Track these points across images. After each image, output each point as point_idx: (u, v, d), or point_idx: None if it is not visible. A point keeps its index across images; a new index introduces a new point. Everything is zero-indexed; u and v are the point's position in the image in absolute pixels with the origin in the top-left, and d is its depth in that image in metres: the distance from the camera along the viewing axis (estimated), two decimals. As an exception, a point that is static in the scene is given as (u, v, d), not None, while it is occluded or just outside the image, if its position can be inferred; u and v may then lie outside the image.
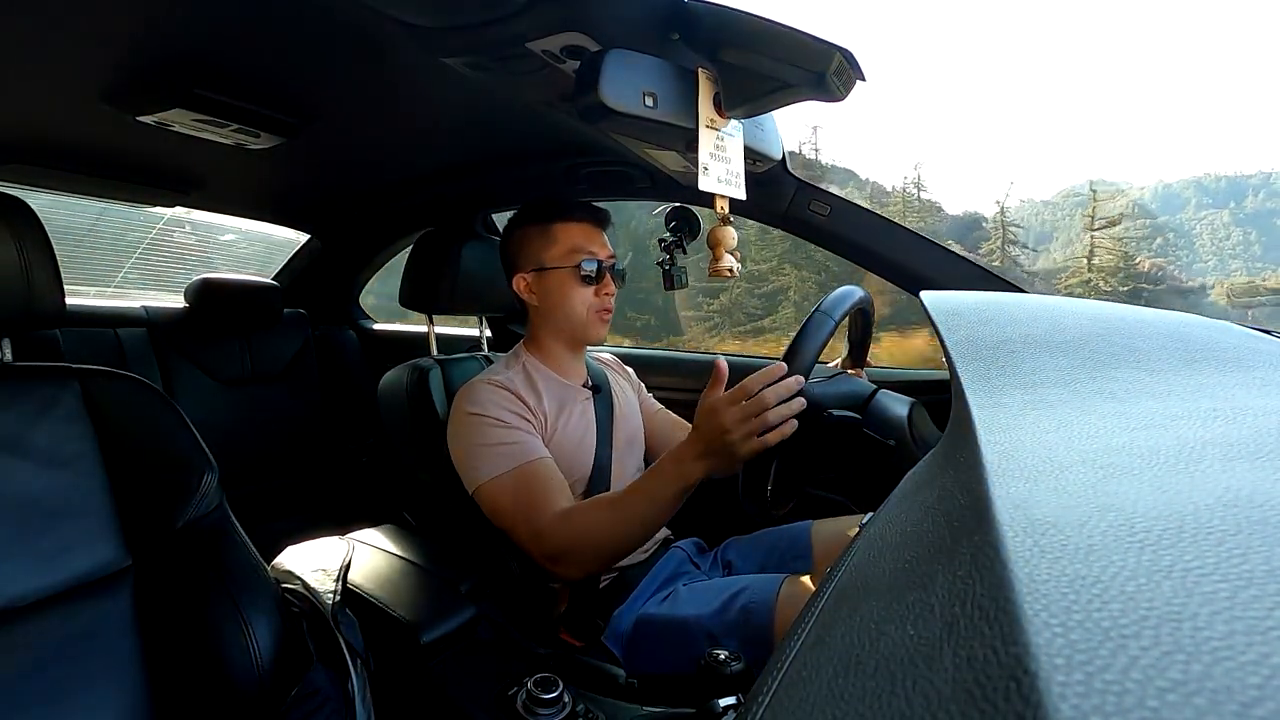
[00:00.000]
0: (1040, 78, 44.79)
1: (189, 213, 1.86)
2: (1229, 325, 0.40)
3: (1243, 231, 70.86)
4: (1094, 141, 34.26)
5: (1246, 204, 74.92)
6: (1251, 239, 69.44)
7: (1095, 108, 38.41)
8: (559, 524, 0.80)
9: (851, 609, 0.21)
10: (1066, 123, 35.68)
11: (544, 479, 0.85)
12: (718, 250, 0.70)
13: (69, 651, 0.59)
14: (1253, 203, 74.59)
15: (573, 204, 1.00)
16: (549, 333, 1.01)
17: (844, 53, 0.55)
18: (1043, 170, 28.54)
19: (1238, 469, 0.19)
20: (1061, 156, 28.40)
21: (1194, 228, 72.43)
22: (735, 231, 0.70)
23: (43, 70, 0.83)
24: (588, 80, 0.57)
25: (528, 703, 0.60)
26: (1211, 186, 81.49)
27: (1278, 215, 71.83)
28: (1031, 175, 29.04)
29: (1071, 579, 0.15)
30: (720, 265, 0.69)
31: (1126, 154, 35.30)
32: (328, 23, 0.73)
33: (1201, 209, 76.41)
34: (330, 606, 0.70)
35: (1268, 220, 70.97)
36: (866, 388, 0.84)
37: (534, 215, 1.00)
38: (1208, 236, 71.15)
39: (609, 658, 0.84)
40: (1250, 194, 76.84)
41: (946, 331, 0.37)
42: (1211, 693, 0.11)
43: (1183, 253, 58.52)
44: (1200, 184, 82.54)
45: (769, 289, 16.83)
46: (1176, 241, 57.41)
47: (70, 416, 0.66)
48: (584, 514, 0.81)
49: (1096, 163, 42.48)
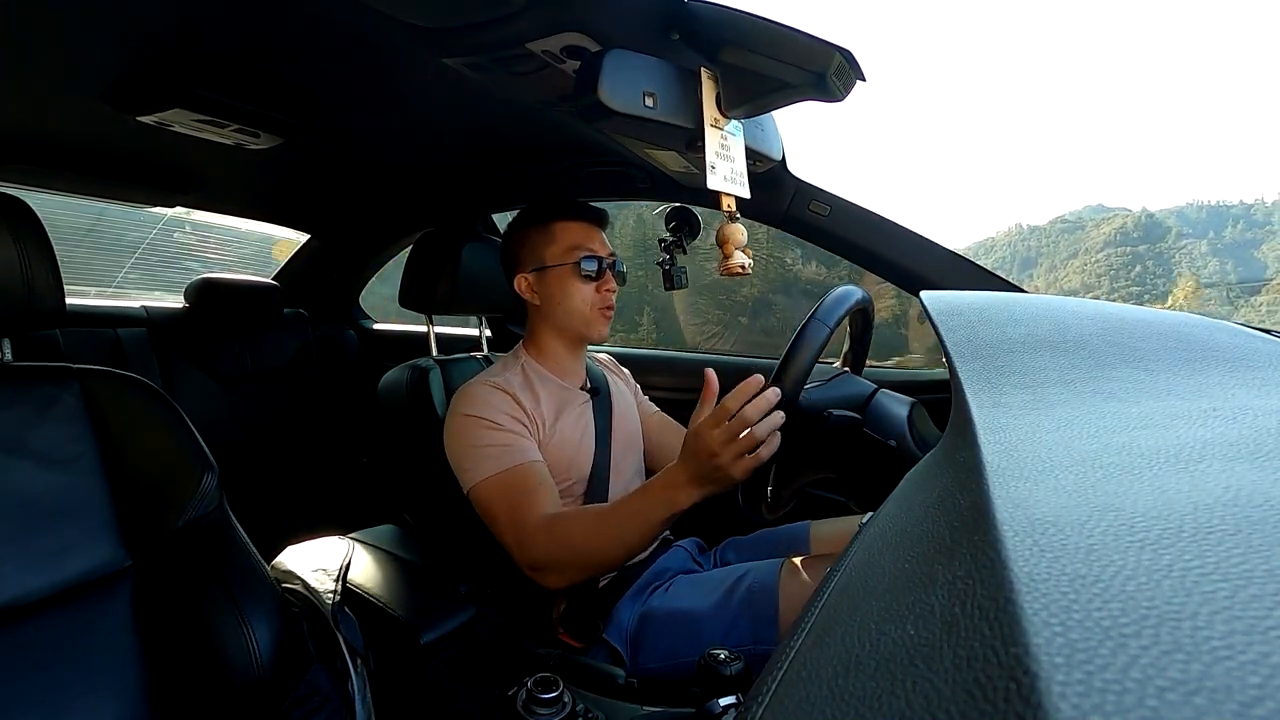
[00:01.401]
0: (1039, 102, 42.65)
1: (189, 213, 1.86)
2: (1229, 325, 0.40)
3: (1219, 261, 71.56)
4: (1092, 166, 33.57)
5: (1226, 234, 75.64)
6: (1228, 269, 70.09)
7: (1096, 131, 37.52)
8: (542, 530, 0.79)
9: (851, 609, 0.21)
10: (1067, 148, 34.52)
11: (533, 483, 0.84)
12: (727, 248, 0.68)
13: (69, 651, 0.59)
14: (1231, 233, 75.25)
15: (571, 203, 1.01)
16: (550, 332, 1.02)
17: (844, 53, 0.55)
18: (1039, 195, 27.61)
19: (1238, 469, 0.19)
20: (1059, 181, 27.58)
21: (1174, 255, 73.10)
22: (743, 228, 0.69)
23: (43, 70, 0.83)
24: (588, 80, 0.57)
25: (527, 703, 0.60)
26: (1193, 216, 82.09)
27: (1254, 246, 72.52)
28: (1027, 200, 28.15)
29: (1071, 579, 0.15)
30: (731, 264, 0.68)
31: (1121, 179, 34.35)
32: (328, 23, 0.73)
33: (1182, 238, 76.97)
34: (330, 606, 0.71)
35: (1244, 251, 71.64)
36: (867, 388, 0.84)
37: (533, 216, 1.01)
38: (1185, 265, 71.83)
39: (609, 658, 0.84)
40: (1230, 224, 77.50)
41: (946, 331, 0.37)
42: (1211, 692, 0.11)
43: (1160, 280, 58.99)
44: (1182, 213, 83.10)
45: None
46: (1155, 269, 57.82)
47: (70, 416, 0.66)
48: (569, 522, 0.79)
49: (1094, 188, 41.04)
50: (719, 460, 0.67)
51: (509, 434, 0.88)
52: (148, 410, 0.69)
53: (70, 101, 0.93)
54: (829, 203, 1.07)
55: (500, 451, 0.86)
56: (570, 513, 0.81)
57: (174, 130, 0.99)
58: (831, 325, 0.72)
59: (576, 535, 0.78)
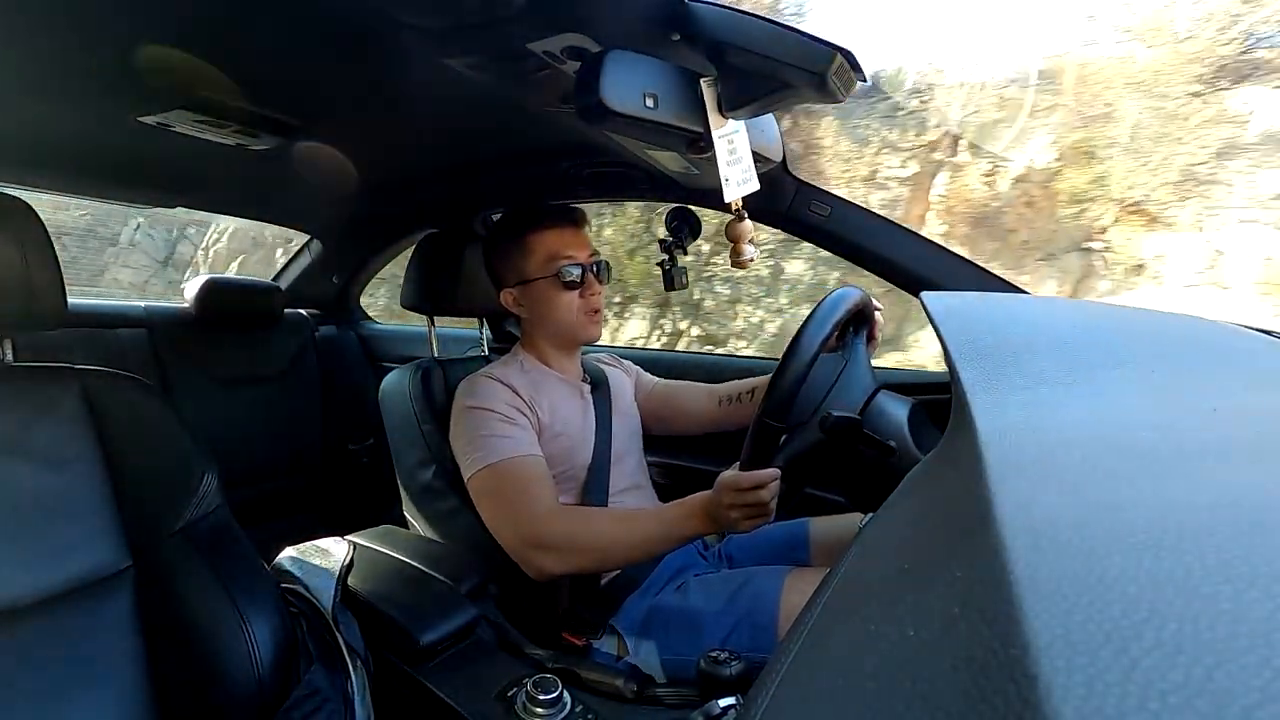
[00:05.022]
0: None
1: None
2: (1229, 325, 0.40)
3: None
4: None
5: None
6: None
7: None
8: (557, 516, 0.83)
9: (851, 609, 0.21)
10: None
11: (535, 474, 0.86)
12: (738, 245, 0.72)
13: (69, 651, 0.59)
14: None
15: (542, 211, 0.99)
16: (543, 339, 1.03)
17: (845, 53, 0.55)
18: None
19: (1238, 469, 0.19)
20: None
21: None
22: (751, 224, 0.73)
23: (43, 71, 0.83)
24: (588, 81, 0.57)
25: (527, 703, 0.60)
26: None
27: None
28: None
29: (1072, 580, 0.14)
30: (742, 258, 0.73)
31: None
32: (329, 24, 0.73)
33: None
34: (330, 607, 0.71)
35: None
36: (868, 386, 0.84)
37: (507, 230, 1.00)
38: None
39: (612, 655, 0.85)
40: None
41: (946, 331, 0.37)
42: (1214, 695, 0.11)
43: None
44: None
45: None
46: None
47: (71, 418, 0.66)
48: (587, 513, 0.84)
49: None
50: (733, 515, 0.75)
51: (510, 425, 0.90)
52: (148, 411, 0.69)
53: (71, 103, 0.93)
54: (829, 203, 1.07)
55: (501, 442, 0.88)
56: (590, 509, 0.86)
57: (174, 130, 0.99)
58: (816, 350, 0.73)
59: (595, 525, 0.83)
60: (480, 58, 0.69)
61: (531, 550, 0.82)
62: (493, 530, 0.87)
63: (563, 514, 0.84)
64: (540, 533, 0.82)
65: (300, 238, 1.87)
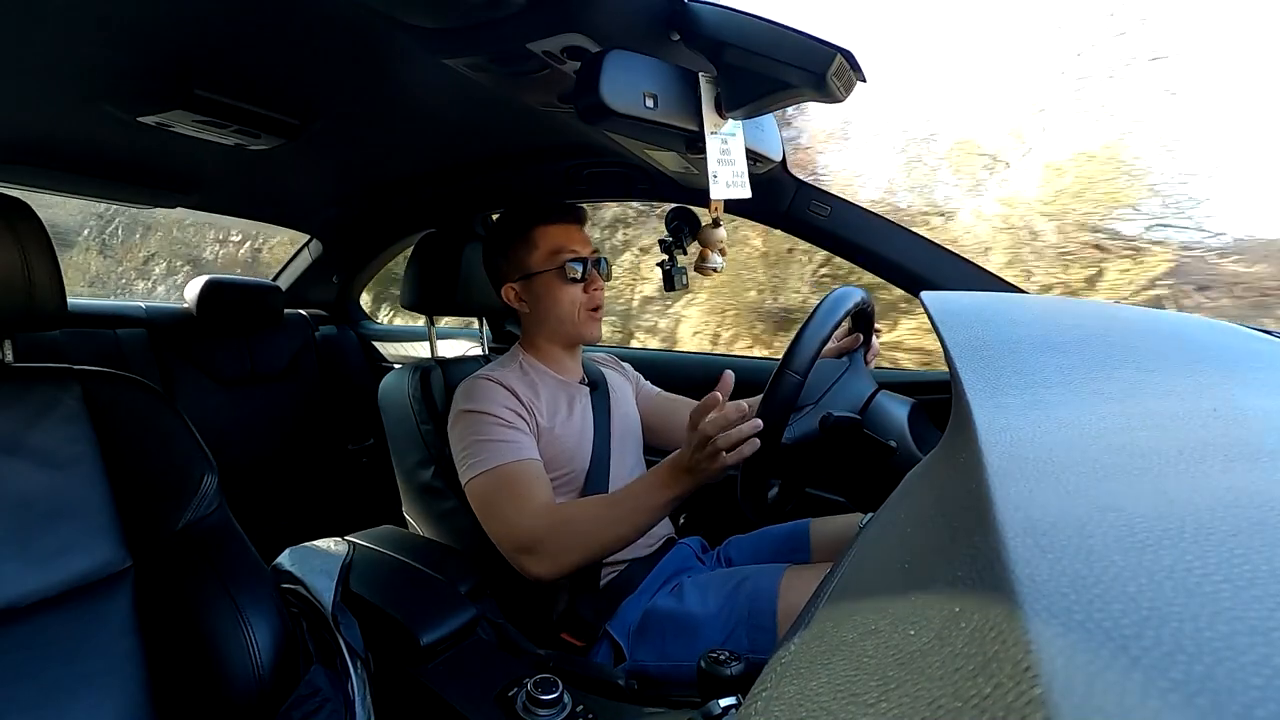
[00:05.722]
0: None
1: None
2: (1230, 326, 0.40)
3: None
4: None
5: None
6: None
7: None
8: (544, 514, 0.82)
9: (850, 609, 0.21)
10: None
11: (530, 478, 0.86)
12: (707, 251, 0.74)
13: (69, 651, 0.59)
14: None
15: (547, 206, 1.00)
16: (544, 336, 1.02)
17: (845, 54, 0.55)
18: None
19: (1238, 469, 0.19)
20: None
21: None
22: (724, 230, 0.75)
23: (44, 71, 0.83)
24: (588, 81, 0.57)
25: (527, 703, 0.60)
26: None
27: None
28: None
29: (1072, 579, 0.14)
30: (706, 265, 0.74)
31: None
32: (329, 24, 0.73)
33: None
34: (330, 607, 0.71)
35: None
36: (867, 388, 0.84)
37: (511, 224, 1.01)
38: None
39: (610, 658, 0.84)
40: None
41: (946, 331, 0.37)
42: (1214, 694, 0.11)
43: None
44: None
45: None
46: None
47: (71, 418, 0.66)
48: (573, 507, 0.83)
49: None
50: (697, 457, 0.73)
51: (508, 429, 0.89)
52: (148, 411, 0.69)
53: (71, 103, 0.93)
54: (829, 203, 1.07)
55: (499, 446, 0.87)
56: (574, 501, 0.85)
57: (175, 131, 0.99)
58: (802, 372, 0.73)
59: (581, 518, 0.81)
60: (480, 58, 0.69)
61: (523, 555, 0.82)
62: (488, 534, 0.86)
63: (549, 511, 0.83)
64: (528, 535, 0.81)
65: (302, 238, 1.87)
